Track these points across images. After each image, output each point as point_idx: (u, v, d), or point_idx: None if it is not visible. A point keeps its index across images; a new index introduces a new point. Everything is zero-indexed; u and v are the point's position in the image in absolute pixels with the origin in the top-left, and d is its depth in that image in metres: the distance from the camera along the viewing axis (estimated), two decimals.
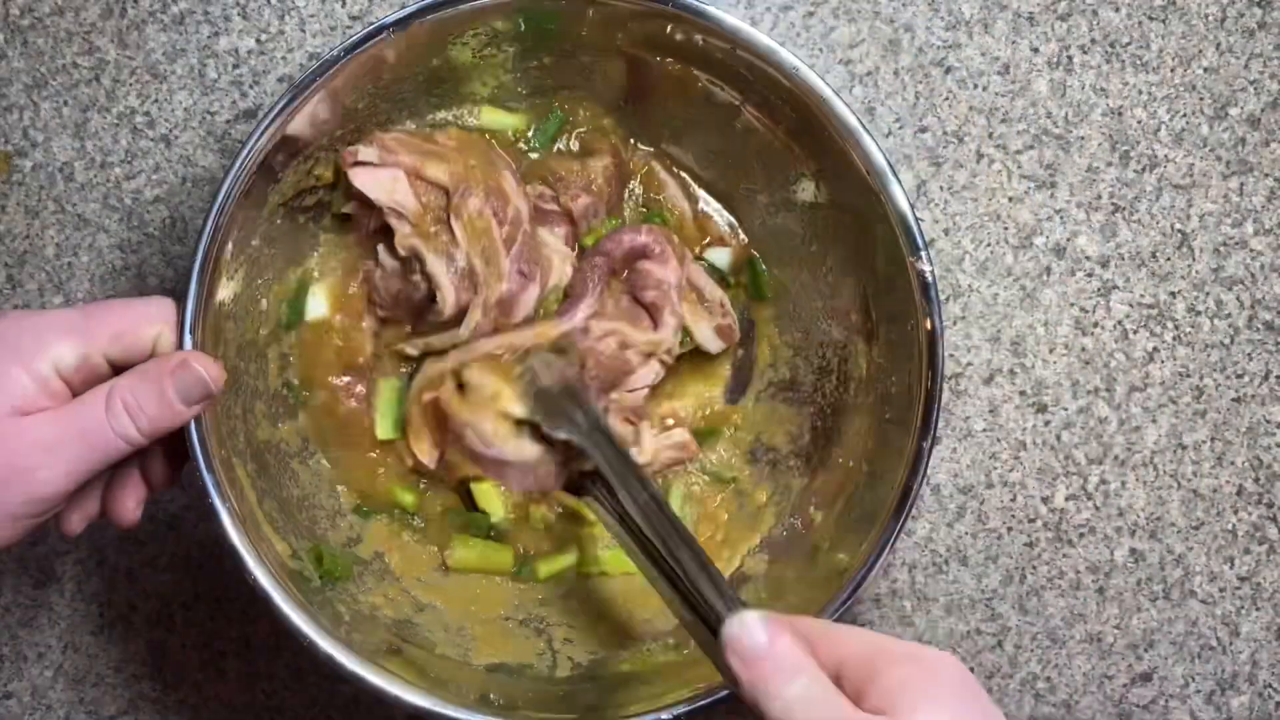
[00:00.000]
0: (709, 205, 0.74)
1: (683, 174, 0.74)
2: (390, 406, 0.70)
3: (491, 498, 0.70)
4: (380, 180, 0.65)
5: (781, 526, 0.72)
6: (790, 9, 0.76)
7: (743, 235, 0.74)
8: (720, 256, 0.74)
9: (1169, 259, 0.77)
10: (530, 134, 0.72)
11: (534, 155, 0.71)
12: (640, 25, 0.65)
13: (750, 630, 0.49)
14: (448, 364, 0.68)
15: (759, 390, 0.75)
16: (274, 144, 0.61)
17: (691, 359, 0.73)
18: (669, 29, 0.64)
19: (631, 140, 0.73)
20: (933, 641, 0.77)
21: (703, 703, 0.61)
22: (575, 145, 0.72)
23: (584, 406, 0.65)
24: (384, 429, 0.70)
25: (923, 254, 0.63)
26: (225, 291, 0.62)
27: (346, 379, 0.70)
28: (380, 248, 0.68)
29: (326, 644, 0.61)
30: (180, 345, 0.59)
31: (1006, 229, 0.77)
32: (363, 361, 0.70)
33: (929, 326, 0.63)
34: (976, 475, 0.77)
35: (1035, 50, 0.77)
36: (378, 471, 0.71)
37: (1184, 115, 0.77)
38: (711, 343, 0.72)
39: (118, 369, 0.58)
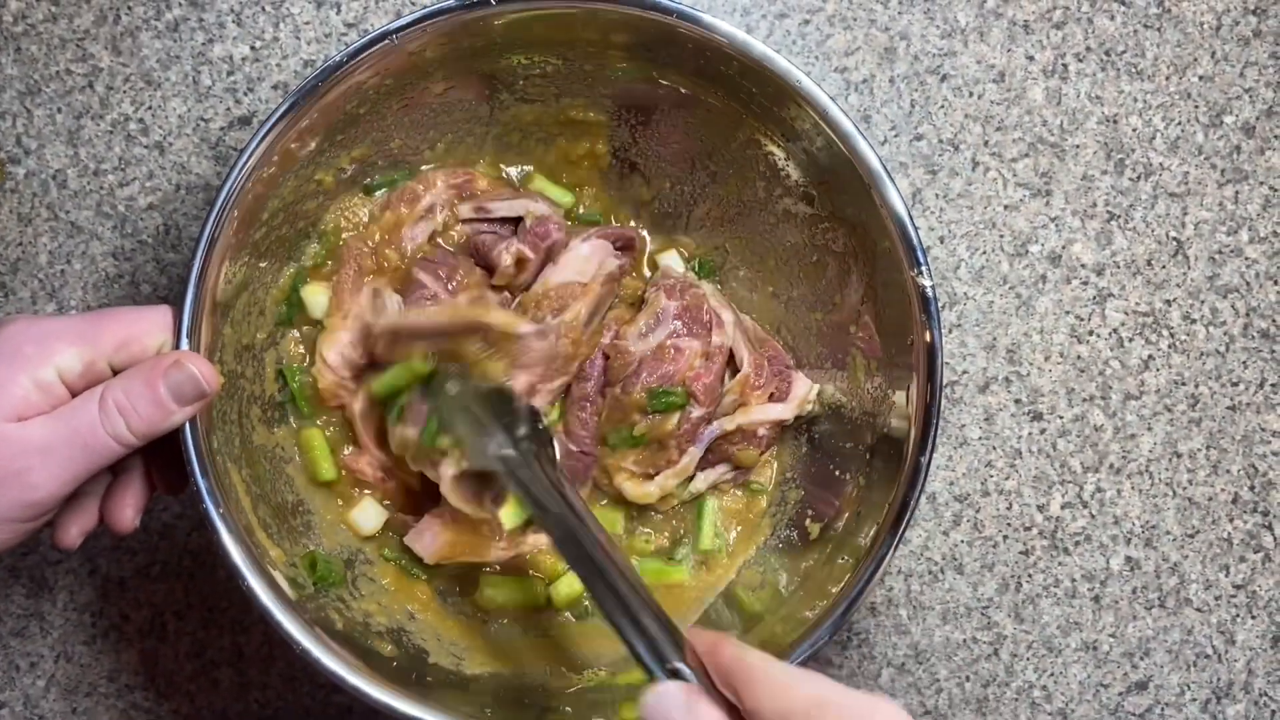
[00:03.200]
0: None
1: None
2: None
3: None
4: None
5: (778, 538, 0.71)
6: (786, 16, 0.76)
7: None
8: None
9: (1164, 267, 0.77)
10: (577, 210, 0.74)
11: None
12: (637, 34, 0.64)
13: (667, 704, 0.47)
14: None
15: None
16: (272, 151, 0.61)
17: None
18: (667, 39, 0.64)
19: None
20: (928, 650, 0.77)
21: None
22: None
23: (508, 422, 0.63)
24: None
25: (923, 268, 0.62)
26: (222, 295, 0.62)
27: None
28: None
29: (320, 652, 0.60)
30: (177, 349, 0.59)
31: (1002, 237, 0.77)
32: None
33: (928, 340, 0.63)
34: (972, 483, 0.77)
35: (1031, 58, 0.77)
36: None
37: (1179, 123, 0.77)
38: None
39: None
